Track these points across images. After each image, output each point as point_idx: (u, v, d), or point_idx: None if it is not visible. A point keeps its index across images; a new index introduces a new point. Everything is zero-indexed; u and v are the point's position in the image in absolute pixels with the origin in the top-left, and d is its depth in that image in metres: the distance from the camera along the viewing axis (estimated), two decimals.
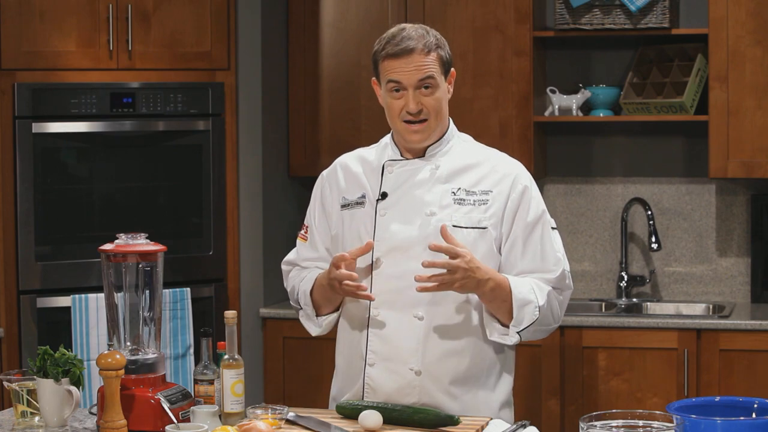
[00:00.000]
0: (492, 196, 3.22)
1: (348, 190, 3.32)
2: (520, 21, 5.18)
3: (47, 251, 4.84)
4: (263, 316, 5.25)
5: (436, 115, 3.22)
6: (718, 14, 4.99)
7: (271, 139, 5.30)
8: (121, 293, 3.14)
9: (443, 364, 3.18)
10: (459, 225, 3.18)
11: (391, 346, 3.19)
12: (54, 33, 4.83)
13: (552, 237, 3.25)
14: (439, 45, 3.23)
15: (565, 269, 3.24)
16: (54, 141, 4.85)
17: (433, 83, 3.20)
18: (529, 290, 3.16)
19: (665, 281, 5.43)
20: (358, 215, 3.27)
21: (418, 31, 3.22)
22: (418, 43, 3.19)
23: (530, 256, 3.20)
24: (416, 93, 3.19)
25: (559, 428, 4.87)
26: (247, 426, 2.84)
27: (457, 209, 3.20)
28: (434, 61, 3.20)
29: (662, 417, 2.57)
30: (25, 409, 3.11)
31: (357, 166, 3.34)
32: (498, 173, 3.25)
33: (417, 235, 3.18)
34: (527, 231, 3.21)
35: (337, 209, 3.32)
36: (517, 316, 3.14)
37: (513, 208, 3.22)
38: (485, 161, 3.28)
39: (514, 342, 3.19)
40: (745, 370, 4.78)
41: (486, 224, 3.19)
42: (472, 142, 3.36)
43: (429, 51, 3.20)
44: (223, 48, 5.08)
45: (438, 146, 3.27)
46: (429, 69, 3.19)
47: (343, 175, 3.35)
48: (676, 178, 5.41)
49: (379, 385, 3.20)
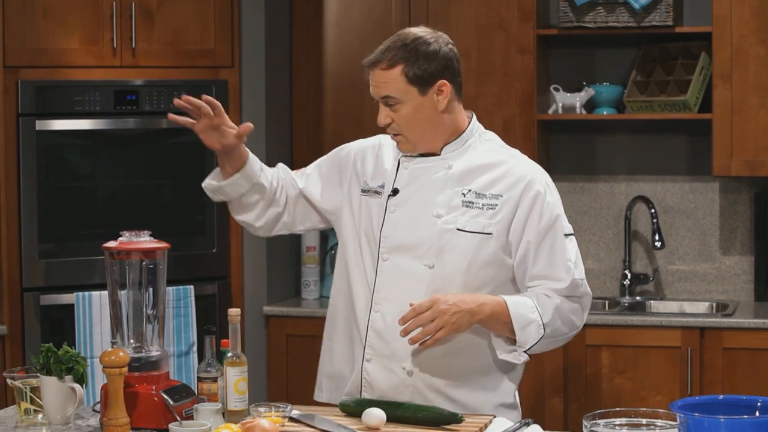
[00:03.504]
0: (502, 201, 3.16)
1: (371, 175, 3.29)
2: (523, 19, 5.18)
3: (51, 249, 4.84)
4: (267, 313, 5.26)
5: (407, 129, 3.15)
6: (722, 12, 4.99)
7: (274, 136, 5.30)
8: (125, 291, 3.14)
9: (438, 365, 3.16)
10: (463, 229, 3.15)
11: (387, 343, 3.18)
12: (57, 30, 4.84)
13: (565, 244, 3.17)
14: (408, 59, 3.10)
15: (577, 277, 3.15)
16: (57, 138, 4.85)
17: (393, 101, 3.13)
18: (531, 309, 3.11)
19: (669, 279, 5.42)
20: (372, 204, 3.25)
21: (397, 41, 3.13)
22: (383, 57, 3.12)
23: (541, 263, 3.15)
24: (384, 107, 3.15)
25: (563, 426, 4.87)
26: (251, 424, 2.84)
27: (464, 212, 3.16)
28: (396, 78, 3.10)
29: (666, 415, 2.56)
30: (29, 407, 3.11)
31: (390, 155, 3.29)
32: (512, 177, 3.18)
33: (422, 236, 3.17)
34: (539, 238, 3.14)
35: (357, 191, 3.30)
36: (520, 337, 3.10)
37: (524, 214, 3.15)
38: (501, 164, 3.20)
39: (524, 360, 3.16)
40: (748, 369, 4.77)
41: (491, 230, 3.15)
42: (495, 142, 3.28)
43: (392, 65, 3.11)
44: (227, 46, 5.08)
45: (454, 145, 3.22)
46: (386, 87, 3.12)
47: (374, 157, 3.31)
48: (679, 177, 5.41)
49: (374, 381, 3.20)
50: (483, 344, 3.19)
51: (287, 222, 3.43)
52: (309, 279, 5.48)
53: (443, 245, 3.15)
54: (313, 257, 5.49)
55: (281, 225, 3.43)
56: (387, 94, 3.13)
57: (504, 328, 3.11)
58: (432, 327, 3.02)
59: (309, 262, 5.47)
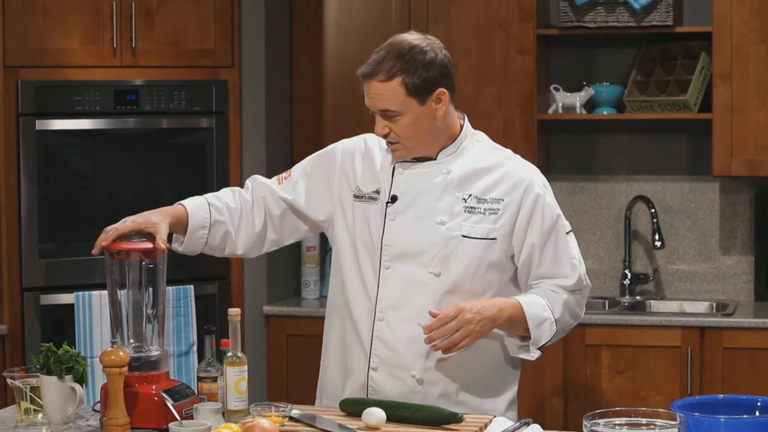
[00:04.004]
0: (503, 205, 3.16)
1: (363, 180, 3.26)
2: (523, 19, 5.17)
3: (51, 248, 4.84)
4: (267, 313, 5.26)
5: (406, 138, 3.13)
6: (722, 12, 4.99)
7: (274, 136, 5.30)
8: (125, 290, 3.14)
9: (446, 373, 3.17)
10: (468, 235, 3.15)
11: (395, 352, 3.18)
12: (58, 30, 4.83)
13: (567, 242, 3.20)
14: (407, 69, 3.06)
15: (581, 273, 3.21)
16: (57, 138, 4.85)
17: (392, 114, 3.09)
18: (543, 307, 3.14)
19: (669, 279, 5.42)
20: (369, 211, 3.23)
21: (392, 51, 3.07)
22: (379, 69, 3.07)
23: (547, 263, 3.17)
24: (380, 118, 3.12)
25: (563, 426, 4.87)
26: (251, 423, 2.84)
27: (467, 218, 3.16)
28: (395, 89, 3.07)
29: (666, 415, 2.56)
30: (29, 407, 3.11)
31: (379, 156, 3.27)
32: (511, 180, 3.18)
33: (426, 243, 3.16)
34: (543, 239, 3.16)
35: (349, 197, 3.27)
36: (534, 335, 3.14)
37: (526, 218, 3.16)
38: (498, 166, 3.20)
39: (537, 356, 3.18)
40: (748, 368, 4.77)
41: (495, 235, 3.15)
42: (486, 142, 3.27)
43: (390, 77, 3.06)
44: (227, 45, 5.08)
45: (450, 149, 3.21)
46: (385, 100, 3.08)
47: (363, 160, 3.28)
48: (679, 176, 5.41)
49: (382, 389, 3.19)
50: (490, 347, 3.20)
51: (275, 239, 3.39)
52: (309, 279, 5.48)
53: (449, 252, 3.15)
54: (313, 257, 5.49)
55: (269, 243, 3.40)
56: (386, 108, 3.10)
57: (519, 328, 3.14)
58: (458, 336, 3.05)
59: (309, 262, 5.47)
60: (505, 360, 3.25)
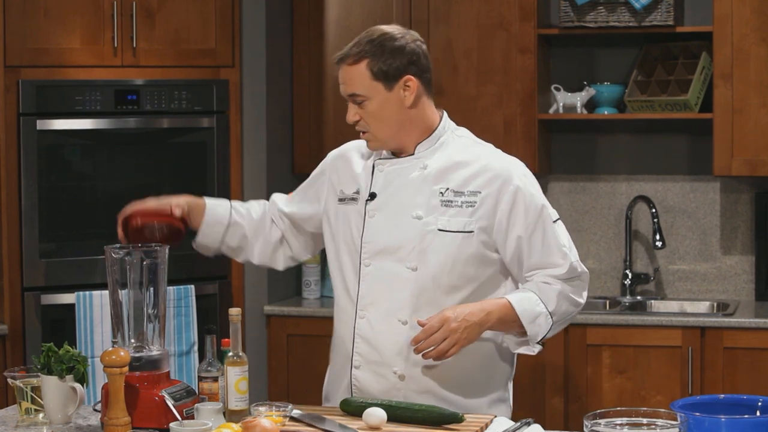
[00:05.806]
0: (480, 197, 3.15)
1: (345, 183, 3.29)
2: (524, 18, 5.18)
3: (51, 248, 4.84)
4: (267, 313, 5.26)
5: (375, 126, 3.16)
6: (723, 12, 4.99)
7: (275, 136, 5.30)
8: (126, 290, 3.14)
9: (428, 369, 3.17)
10: (444, 229, 3.14)
11: (376, 349, 3.19)
12: (58, 30, 4.83)
13: (555, 230, 3.18)
14: (374, 53, 3.11)
15: (573, 260, 3.18)
16: (58, 138, 4.85)
17: (359, 98, 3.14)
18: (536, 302, 3.13)
19: (669, 279, 5.42)
20: (350, 212, 3.25)
21: (364, 37, 3.14)
22: (349, 53, 3.13)
23: (536, 254, 3.16)
24: (352, 105, 3.17)
25: (563, 426, 4.87)
26: (251, 423, 2.84)
27: (444, 212, 3.15)
28: (361, 72, 3.12)
29: (666, 415, 2.56)
30: (30, 406, 3.11)
31: (358, 159, 3.31)
32: (489, 173, 3.16)
33: (404, 238, 3.16)
34: (529, 230, 3.15)
35: (334, 201, 3.31)
36: (530, 331, 3.13)
37: (506, 211, 3.14)
38: (477, 159, 3.19)
39: (538, 351, 3.18)
40: (749, 368, 4.77)
41: (472, 228, 3.14)
42: (468, 137, 3.26)
43: (357, 61, 3.12)
44: (228, 45, 5.08)
45: (427, 143, 3.21)
46: (352, 84, 3.14)
47: (343, 165, 3.33)
48: (680, 176, 5.41)
49: (365, 387, 3.20)
50: (472, 347, 3.16)
51: (292, 255, 3.50)
52: (309, 278, 5.48)
53: (425, 246, 3.15)
54: (313, 257, 5.48)
55: (287, 259, 3.50)
56: (353, 92, 3.15)
57: (513, 326, 3.14)
58: (445, 346, 3.04)
59: (309, 262, 5.47)
60: (491, 357, 3.24)
